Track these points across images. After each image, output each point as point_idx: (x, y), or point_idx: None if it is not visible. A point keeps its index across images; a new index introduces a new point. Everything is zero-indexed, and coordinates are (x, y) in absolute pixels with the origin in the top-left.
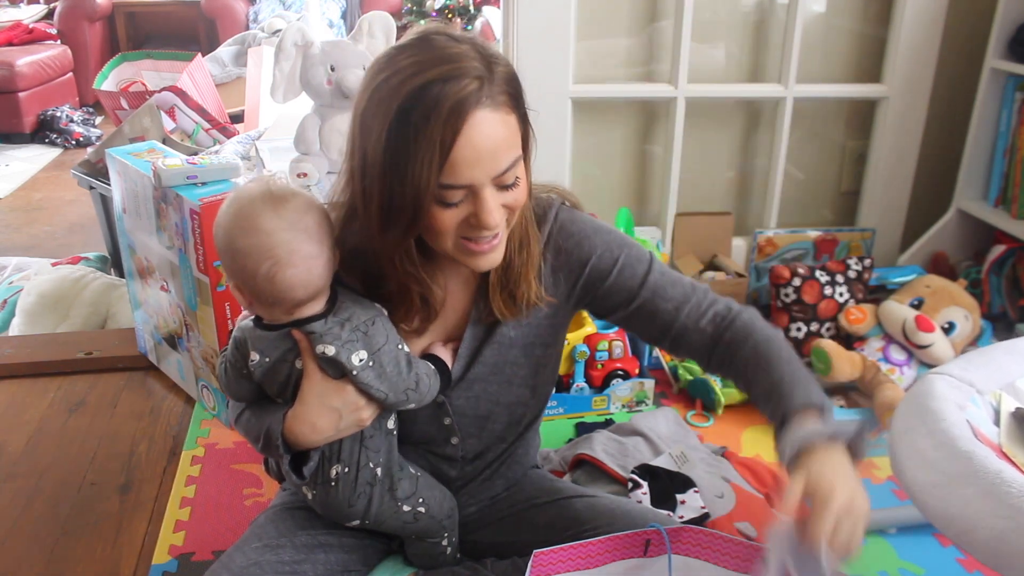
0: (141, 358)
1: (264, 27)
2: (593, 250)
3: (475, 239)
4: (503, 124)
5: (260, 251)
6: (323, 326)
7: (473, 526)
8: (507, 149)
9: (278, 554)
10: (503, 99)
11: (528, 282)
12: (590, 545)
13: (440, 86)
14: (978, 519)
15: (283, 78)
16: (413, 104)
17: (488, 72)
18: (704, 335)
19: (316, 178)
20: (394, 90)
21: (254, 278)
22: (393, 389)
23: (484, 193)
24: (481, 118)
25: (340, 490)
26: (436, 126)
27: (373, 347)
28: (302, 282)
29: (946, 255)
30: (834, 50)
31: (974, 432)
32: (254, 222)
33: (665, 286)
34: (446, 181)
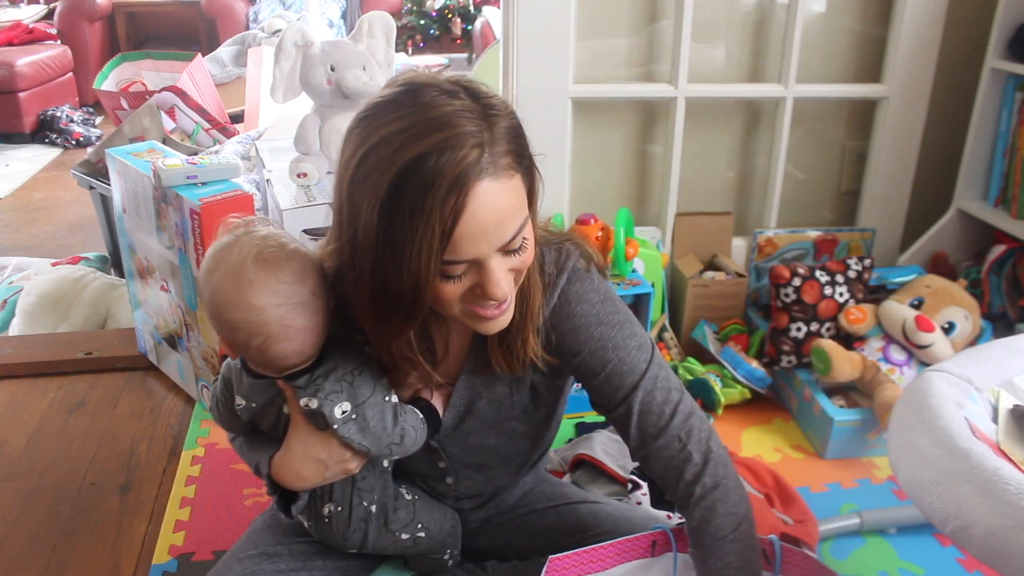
0: (141, 358)
1: (264, 27)
2: (587, 344)
3: (483, 306)
4: (508, 191)
5: (251, 327)
6: (307, 380)
7: (474, 532)
8: (513, 217)
9: (275, 563)
10: (506, 161)
11: (526, 338)
12: (601, 549)
13: (436, 158)
14: (975, 516)
15: (283, 78)
16: (406, 181)
17: (488, 133)
18: (669, 483)
19: (316, 178)
20: (384, 164)
21: (246, 347)
22: (376, 443)
23: (490, 264)
24: (484, 190)
25: (334, 527)
26: (435, 206)
27: (358, 399)
28: (295, 352)
29: (946, 255)
30: (834, 50)
31: (972, 429)
32: (244, 297)
33: (650, 409)
34: (448, 258)
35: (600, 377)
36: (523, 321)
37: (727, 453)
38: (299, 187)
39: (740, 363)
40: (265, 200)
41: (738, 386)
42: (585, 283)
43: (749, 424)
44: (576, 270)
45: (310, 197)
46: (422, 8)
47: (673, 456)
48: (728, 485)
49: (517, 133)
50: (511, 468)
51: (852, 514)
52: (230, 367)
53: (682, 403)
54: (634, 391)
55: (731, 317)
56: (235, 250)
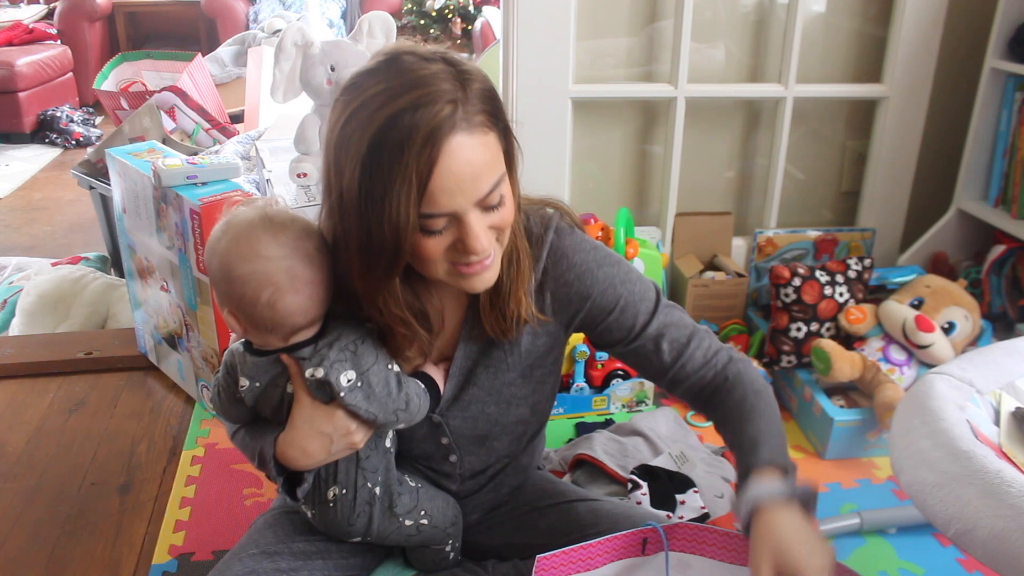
0: (141, 358)
1: (264, 27)
2: (595, 286)
3: (466, 263)
4: (482, 146)
5: (261, 278)
6: (312, 351)
7: (474, 529)
8: (488, 171)
9: (275, 561)
10: (480, 119)
11: (518, 299)
12: (591, 547)
13: (411, 114)
14: (978, 519)
15: (283, 78)
16: (384, 136)
17: (462, 92)
18: (699, 383)
19: (316, 178)
20: (364, 123)
21: (254, 306)
22: (382, 410)
23: (468, 218)
24: (458, 144)
25: (339, 511)
26: (411, 157)
27: (362, 367)
28: (303, 308)
29: (946, 255)
30: (834, 50)
31: (974, 432)
32: (254, 248)
33: (666, 331)
34: (427, 211)
35: (615, 313)
36: (514, 284)
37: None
38: (299, 187)
39: None
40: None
41: None
42: (574, 236)
43: None
44: (561, 227)
45: (310, 197)
46: (422, 8)
47: (704, 356)
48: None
49: (491, 95)
50: (512, 439)
51: (852, 514)
52: (233, 352)
53: (687, 320)
54: (654, 315)
55: (731, 317)
56: (241, 216)
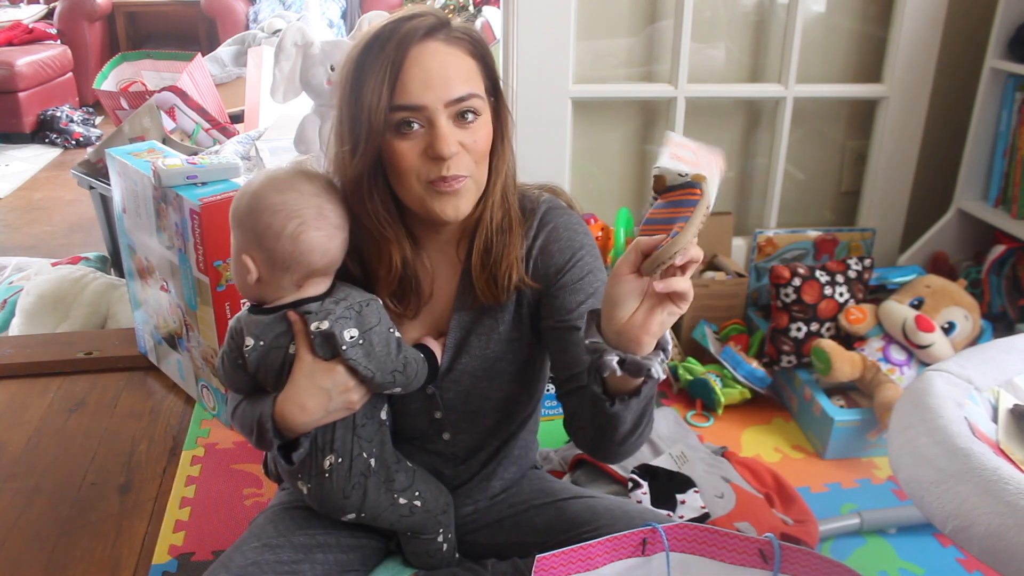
0: (141, 358)
1: (264, 27)
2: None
3: (439, 176)
4: (456, 58)
5: (291, 208)
6: (319, 306)
7: (473, 527)
8: (460, 79)
9: (277, 554)
10: (461, 41)
11: (509, 262)
12: (590, 547)
13: (401, 22)
14: (975, 516)
15: (283, 78)
16: (373, 39)
17: (446, 23)
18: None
19: None
20: (365, 35)
21: (278, 237)
22: (381, 369)
23: (439, 120)
24: (433, 47)
25: (334, 481)
26: (389, 49)
27: (365, 326)
28: (323, 247)
29: (946, 255)
30: (834, 50)
31: (972, 429)
32: (289, 182)
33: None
34: (397, 102)
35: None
36: (506, 247)
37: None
38: None
39: (740, 363)
40: None
41: (738, 386)
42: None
43: (749, 424)
44: (555, 203)
45: None
46: None
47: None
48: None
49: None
50: (503, 416)
51: (852, 514)
52: (239, 318)
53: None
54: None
55: (731, 317)
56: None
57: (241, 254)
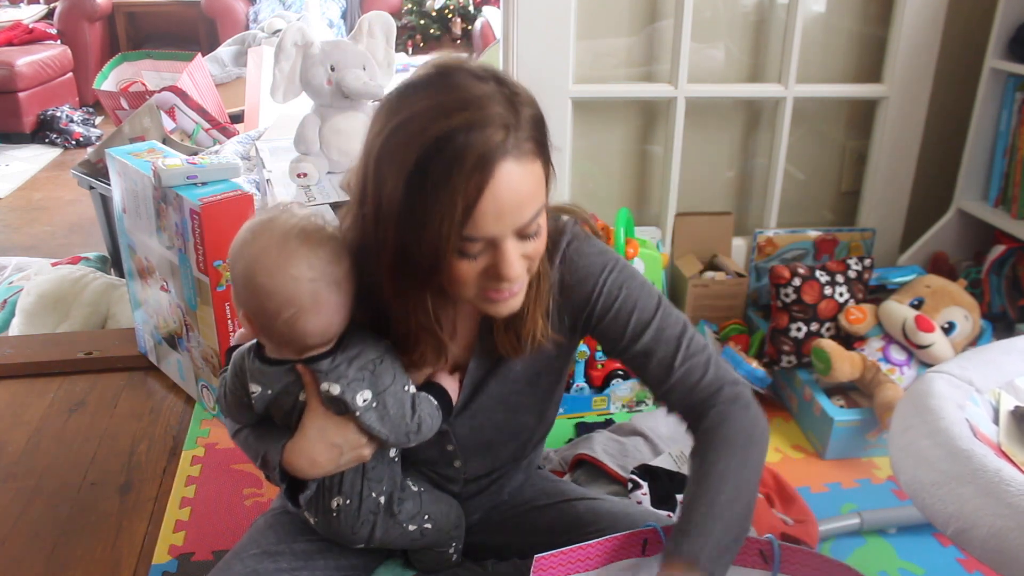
0: (141, 358)
1: (264, 27)
2: (596, 289)
3: (496, 289)
4: (530, 175)
5: (284, 295)
6: (330, 364)
7: (474, 528)
8: (532, 201)
9: (277, 561)
10: (529, 147)
11: (535, 321)
12: (589, 547)
13: (463, 135)
14: (977, 518)
15: (283, 78)
16: (434, 155)
17: (514, 117)
18: (682, 411)
19: (316, 178)
20: (412, 137)
21: (273, 319)
22: (395, 431)
23: (505, 245)
24: (507, 171)
25: (342, 520)
26: (459, 180)
27: (379, 387)
28: (321, 331)
29: (946, 255)
30: (834, 50)
31: (973, 431)
32: (284, 265)
33: (656, 348)
34: (467, 234)
35: (608, 318)
36: (532, 306)
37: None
38: (299, 187)
39: (740, 363)
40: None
41: None
42: (585, 241)
43: None
44: (576, 232)
45: (310, 197)
46: (422, 8)
47: (695, 384)
48: (750, 405)
49: (540, 122)
50: (516, 444)
51: (852, 514)
52: (243, 355)
53: (696, 336)
54: (647, 329)
55: (731, 317)
56: (278, 223)
57: (240, 310)
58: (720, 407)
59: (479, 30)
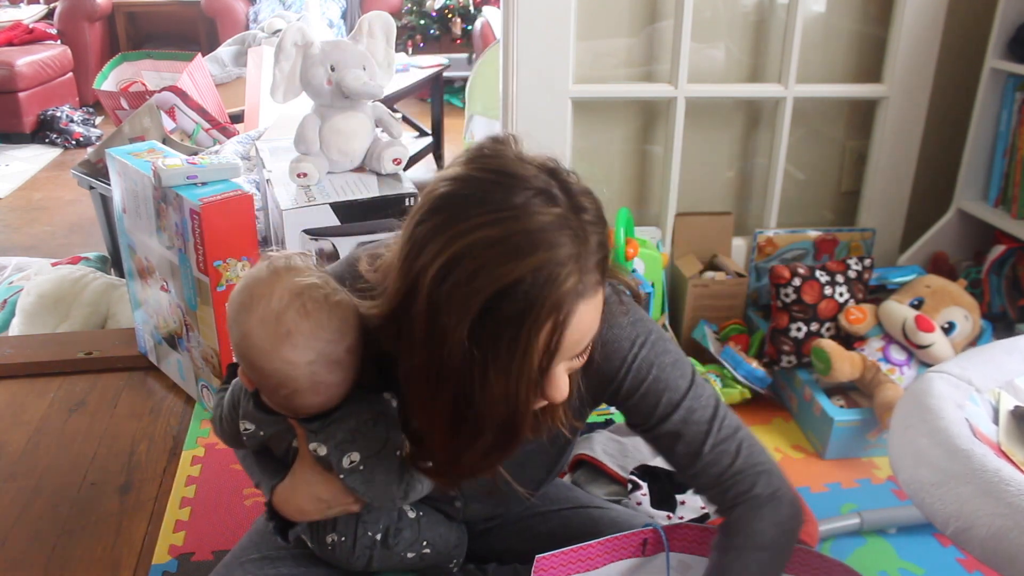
0: (141, 358)
1: (264, 27)
2: (622, 368)
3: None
4: (595, 308)
5: (280, 377)
6: (320, 424)
7: (477, 534)
8: (593, 331)
9: (277, 568)
10: (595, 278)
11: (556, 412)
12: (590, 547)
13: (532, 285)
14: (976, 517)
15: (283, 78)
16: (501, 305)
17: (583, 247)
18: (707, 496)
19: (316, 178)
20: (476, 282)
21: (272, 393)
22: (381, 497)
23: (556, 371)
24: (579, 314)
25: (337, 553)
26: (533, 335)
27: (367, 451)
28: (320, 405)
29: (946, 255)
30: (834, 50)
31: (973, 430)
32: (280, 350)
33: (684, 432)
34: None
35: (635, 398)
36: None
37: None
38: (299, 187)
39: (740, 363)
40: (265, 200)
41: (738, 386)
42: (617, 311)
43: (749, 424)
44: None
45: (310, 197)
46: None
47: (724, 470)
48: (783, 497)
49: (605, 244)
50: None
51: (852, 514)
52: (240, 386)
53: (728, 417)
54: (676, 408)
55: (731, 317)
56: (276, 293)
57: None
58: (749, 504)
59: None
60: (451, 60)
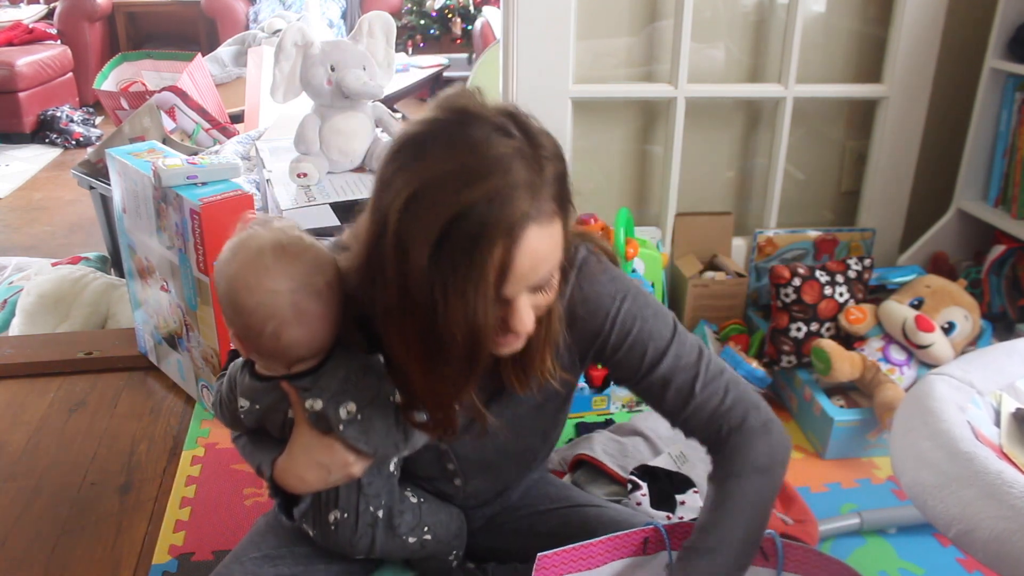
0: (141, 358)
1: (264, 27)
2: (607, 321)
3: (503, 338)
4: (549, 237)
5: (265, 310)
6: (312, 380)
7: (476, 532)
8: (549, 260)
9: (277, 566)
10: (551, 207)
11: (544, 360)
12: (591, 546)
13: (487, 207)
14: (978, 520)
15: (283, 78)
16: (458, 229)
17: (539, 177)
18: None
19: (316, 178)
20: (436, 208)
21: (258, 336)
22: (380, 444)
23: (519, 302)
24: (529, 237)
25: (340, 533)
26: (487, 254)
27: (362, 400)
28: (307, 342)
29: (946, 255)
30: (834, 50)
31: (975, 433)
32: (260, 280)
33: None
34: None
35: (623, 350)
36: (541, 344)
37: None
38: (299, 187)
39: (740, 363)
40: (265, 200)
41: None
42: (597, 269)
43: None
44: (587, 260)
45: (310, 197)
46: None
47: (716, 408)
48: (774, 427)
49: (563, 176)
50: (520, 465)
51: (852, 514)
52: (235, 373)
53: (713, 359)
54: (663, 357)
55: (731, 317)
56: (254, 240)
57: (230, 331)
58: (743, 433)
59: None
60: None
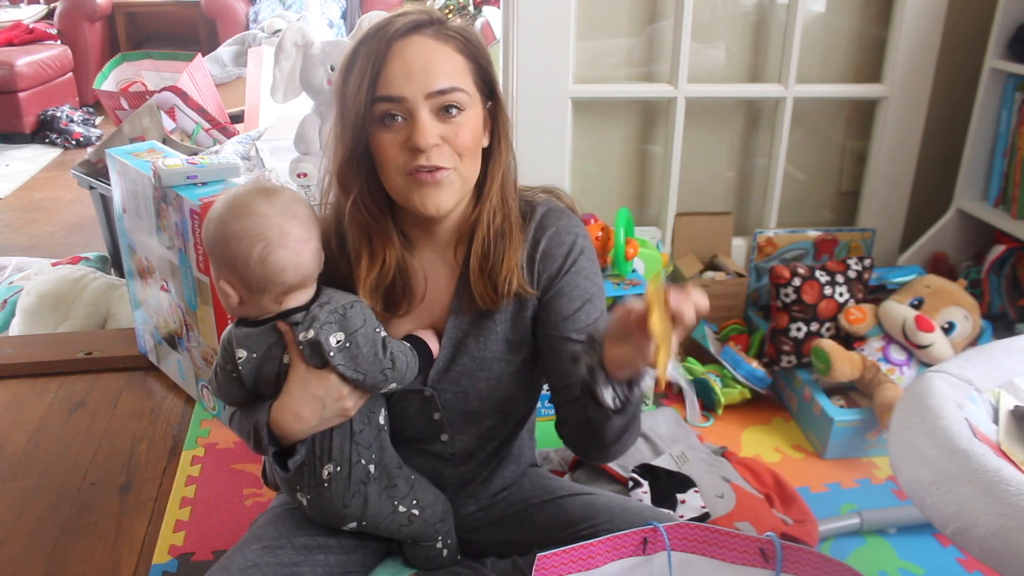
0: (141, 358)
1: (264, 27)
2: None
3: (417, 166)
4: (441, 53)
5: (253, 233)
6: (303, 315)
7: (472, 525)
8: (443, 73)
9: (277, 555)
10: (450, 38)
11: (509, 267)
12: (591, 546)
13: (391, 19)
14: (976, 517)
15: (283, 78)
16: (365, 34)
17: (440, 23)
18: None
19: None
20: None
21: (247, 263)
22: (369, 370)
23: (419, 112)
24: (418, 41)
25: (334, 490)
26: (373, 43)
27: (349, 328)
28: (293, 264)
29: (946, 255)
30: (834, 50)
31: (972, 430)
32: (248, 207)
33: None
34: (379, 93)
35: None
36: (504, 253)
37: None
38: (299, 187)
39: (740, 363)
40: None
41: (738, 386)
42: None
43: (749, 424)
44: (554, 206)
45: (310, 197)
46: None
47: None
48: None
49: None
50: (502, 418)
51: (852, 514)
52: (229, 331)
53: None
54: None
55: (731, 317)
56: (237, 187)
57: (219, 280)
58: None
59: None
60: None
